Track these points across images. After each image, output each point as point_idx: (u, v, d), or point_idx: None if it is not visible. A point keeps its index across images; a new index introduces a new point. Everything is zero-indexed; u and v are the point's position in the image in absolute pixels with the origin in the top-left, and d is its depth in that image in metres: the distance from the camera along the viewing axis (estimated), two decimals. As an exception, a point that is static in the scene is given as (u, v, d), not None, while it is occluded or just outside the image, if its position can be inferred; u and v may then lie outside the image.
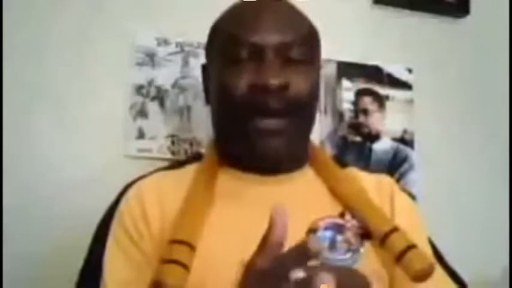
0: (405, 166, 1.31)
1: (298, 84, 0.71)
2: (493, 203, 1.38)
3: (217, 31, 0.78)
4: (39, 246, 1.06)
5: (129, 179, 0.86)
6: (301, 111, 0.72)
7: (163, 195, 0.73)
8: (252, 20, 0.72)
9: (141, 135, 1.16)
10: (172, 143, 1.17)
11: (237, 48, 0.71)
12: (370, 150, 1.29)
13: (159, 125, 1.17)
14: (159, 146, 1.16)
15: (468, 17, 1.43)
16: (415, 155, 1.32)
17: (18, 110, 1.10)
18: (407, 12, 1.39)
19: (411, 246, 0.66)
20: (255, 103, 0.69)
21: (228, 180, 0.76)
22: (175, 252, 0.64)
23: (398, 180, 1.27)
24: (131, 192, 0.77)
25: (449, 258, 0.88)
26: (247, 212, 0.71)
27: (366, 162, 1.27)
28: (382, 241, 0.68)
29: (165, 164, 1.08)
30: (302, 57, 0.72)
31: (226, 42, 0.73)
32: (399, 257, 0.66)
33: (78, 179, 1.10)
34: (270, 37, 0.70)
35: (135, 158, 1.14)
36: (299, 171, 0.78)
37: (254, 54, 0.70)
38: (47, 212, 1.08)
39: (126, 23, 1.18)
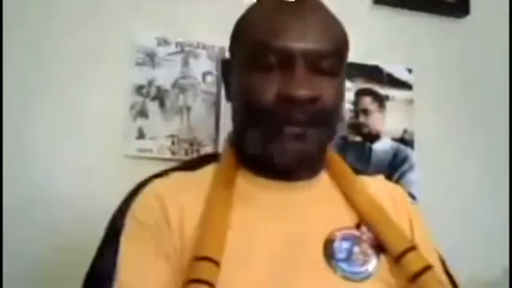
0: (405, 166, 1.31)
1: (327, 96, 0.67)
2: (493, 203, 1.38)
3: (244, 31, 0.73)
4: (39, 246, 1.06)
5: (129, 179, 0.86)
6: (326, 122, 0.70)
7: (184, 200, 0.70)
8: (282, 23, 0.67)
9: (141, 135, 1.16)
10: (172, 143, 1.17)
11: (265, 54, 0.67)
12: (370, 150, 1.29)
13: (159, 125, 1.17)
14: (159, 146, 1.16)
15: (468, 17, 1.43)
16: (415, 155, 1.32)
17: (18, 110, 1.10)
18: (407, 12, 1.39)
19: (427, 268, 0.66)
20: (282, 114, 0.66)
21: (246, 185, 0.73)
22: (201, 271, 0.62)
23: (398, 180, 1.27)
24: (148, 192, 0.73)
25: (449, 258, 0.88)
26: (266, 220, 0.69)
27: (366, 162, 1.27)
28: (398, 259, 0.67)
29: (165, 164, 1.08)
30: (332, 68, 0.69)
31: (253, 47, 0.69)
32: (414, 277, 0.65)
33: (78, 179, 1.10)
34: (300, 43, 0.66)
35: (135, 158, 1.14)
36: (315, 177, 0.76)
37: (283, 60, 0.66)
38: (46, 212, 1.08)
39: (126, 23, 1.18)
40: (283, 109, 0.66)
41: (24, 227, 1.06)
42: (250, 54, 0.69)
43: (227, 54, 1.18)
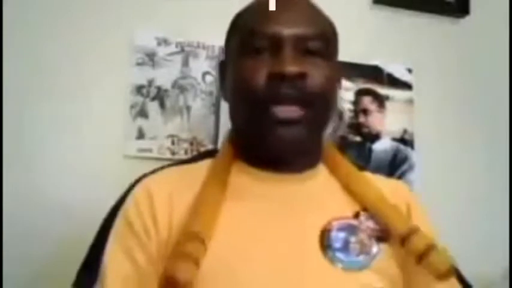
0: (405, 166, 1.31)
1: (314, 75, 0.70)
2: (493, 203, 1.38)
3: (236, 25, 0.78)
4: (38, 246, 1.06)
5: (129, 179, 0.86)
6: (317, 103, 0.71)
7: (174, 191, 0.72)
8: (271, 13, 0.73)
9: (141, 135, 1.16)
10: (172, 143, 1.17)
11: (256, 40, 0.71)
12: (370, 150, 1.29)
13: (159, 125, 1.17)
14: (159, 146, 1.16)
15: (468, 17, 1.43)
16: (415, 155, 1.32)
17: (17, 111, 1.10)
18: (407, 12, 1.39)
19: (432, 246, 0.67)
20: (272, 92, 0.69)
21: (241, 176, 0.75)
22: (188, 247, 0.63)
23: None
24: (139, 189, 0.75)
25: (449, 258, 0.88)
26: (261, 212, 0.70)
27: (366, 162, 1.27)
28: (403, 242, 0.68)
29: (165, 164, 1.08)
30: (319, 50, 0.72)
31: (245, 35, 0.73)
32: (421, 257, 0.66)
33: (78, 179, 1.11)
34: (288, 29, 0.71)
35: (135, 158, 1.14)
36: (313, 169, 0.77)
37: (272, 45, 0.70)
38: (46, 213, 1.08)
39: (126, 23, 1.18)
40: (273, 87, 0.69)
41: (24, 227, 1.06)
42: (241, 41, 0.74)
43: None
